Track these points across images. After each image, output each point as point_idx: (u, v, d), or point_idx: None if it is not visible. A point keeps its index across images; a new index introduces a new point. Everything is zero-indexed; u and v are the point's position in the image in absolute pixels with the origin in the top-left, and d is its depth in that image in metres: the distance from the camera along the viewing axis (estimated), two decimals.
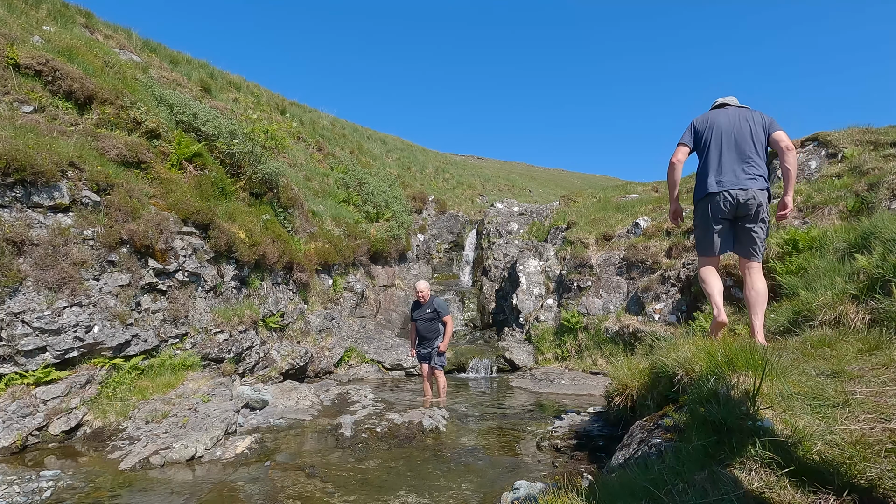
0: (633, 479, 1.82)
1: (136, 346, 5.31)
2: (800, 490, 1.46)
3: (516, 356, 9.40)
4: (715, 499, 1.52)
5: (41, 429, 4.38)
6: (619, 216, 11.60)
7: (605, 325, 8.74)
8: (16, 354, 4.43)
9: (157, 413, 4.71)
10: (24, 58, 5.88)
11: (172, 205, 6.29)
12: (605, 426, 4.33)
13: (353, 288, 10.84)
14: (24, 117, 5.45)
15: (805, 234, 6.26)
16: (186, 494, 3.33)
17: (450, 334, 6.38)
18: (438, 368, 6.40)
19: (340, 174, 13.93)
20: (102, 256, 5.18)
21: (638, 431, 2.93)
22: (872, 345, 2.69)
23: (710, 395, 2.00)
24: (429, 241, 15.99)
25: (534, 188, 34.16)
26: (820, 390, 2.03)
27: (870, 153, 8.10)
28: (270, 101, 16.34)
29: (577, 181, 49.97)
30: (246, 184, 8.50)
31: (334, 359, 8.68)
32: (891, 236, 3.75)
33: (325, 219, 11.02)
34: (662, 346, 3.63)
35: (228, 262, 7.13)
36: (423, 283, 6.60)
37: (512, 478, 3.39)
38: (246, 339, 6.82)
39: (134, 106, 6.84)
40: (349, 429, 4.54)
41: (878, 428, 1.65)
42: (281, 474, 3.64)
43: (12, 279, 4.43)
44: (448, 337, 6.39)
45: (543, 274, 10.99)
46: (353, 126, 23.11)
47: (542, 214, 15.34)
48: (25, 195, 4.80)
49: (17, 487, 3.31)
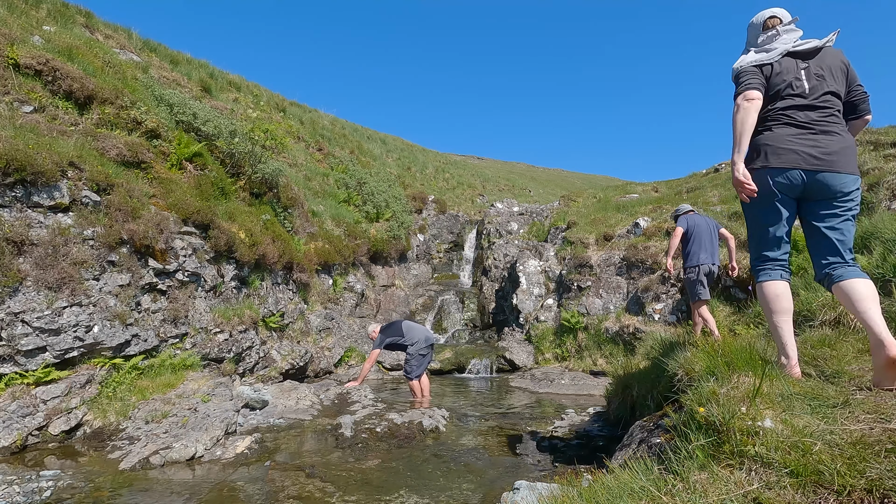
0: (633, 480, 1.82)
1: (136, 346, 5.31)
2: (800, 490, 1.46)
3: (516, 356, 9.40)
4: (715, 499, 1.52)
5: (41, 429, 4.38)
6: (619, 216, 11.60)
7: (605, 325, 8.74)
8: (16, 354, 4.43)
9: (157, 413, 4.71)
10: (24, 58, 5.88)
11: (172, 205, 6.29)
12: (605, 426, 4.33)
13: (353, 288, 10.84)
14: (25, 117, 5.45)
15: None
16: (186, 494, 3.33)
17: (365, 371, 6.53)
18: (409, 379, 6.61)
19: (340, 174, 13.93)
20: (102, 256, 5.18)
21: (638, 431, 2.93)
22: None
23: (710, 395, 2.00)
24: (429, 241, 16.00)
25: (534, 188, 34.17)
26: (820, 390, 2.03)
27: (870, 153, 8.11)
28: (270, 101, 16.34)
29: (577, 181, 49.99)
30: (246, 184, 8.50)
31: (334, 359, 8.68)
32: (891, 236, 3.76)
33: (325, 219, 11.02)
34: (661, 346, 3.63)
35: (228, 261, 7.13)
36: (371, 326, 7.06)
37: (512, 478, 3.39)
38: (246, 338, 6.82)
39: (134, 106, 6.84)
40: (349, 429, 4.54)
41: (878, 428, 1.65)
42: (281, 474, 3.64)
43: (12, 279, 4.43)
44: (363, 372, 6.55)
45: (543, 274, 10.99)
46: (353, 126, 23.12)
47: (542, 214, 15.34)
48: (25, 195, 4.80)
49: (17, 487, 3.31)
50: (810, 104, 2.33)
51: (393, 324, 6.73)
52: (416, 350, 6.49)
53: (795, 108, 2.34)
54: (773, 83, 2.39)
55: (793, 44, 2.41)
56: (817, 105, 2.33)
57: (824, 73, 2.37)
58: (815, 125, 2.31)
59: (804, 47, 2.40)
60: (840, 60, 2.42)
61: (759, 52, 2.48)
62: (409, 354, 6.53)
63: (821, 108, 2.33)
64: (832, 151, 2.26)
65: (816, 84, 2.35)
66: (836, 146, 2.27)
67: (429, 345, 6.62)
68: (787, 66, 2.39)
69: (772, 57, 2.41)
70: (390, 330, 6.61)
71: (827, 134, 2.29)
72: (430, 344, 6.67)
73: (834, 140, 2.29)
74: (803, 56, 2.41)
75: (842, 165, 2.25)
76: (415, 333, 6.56)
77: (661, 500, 1.61)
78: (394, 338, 6.53)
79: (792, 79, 2.37)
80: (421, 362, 6.55)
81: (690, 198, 9.77)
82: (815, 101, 2.34)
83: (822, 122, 2.31)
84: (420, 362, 6.54)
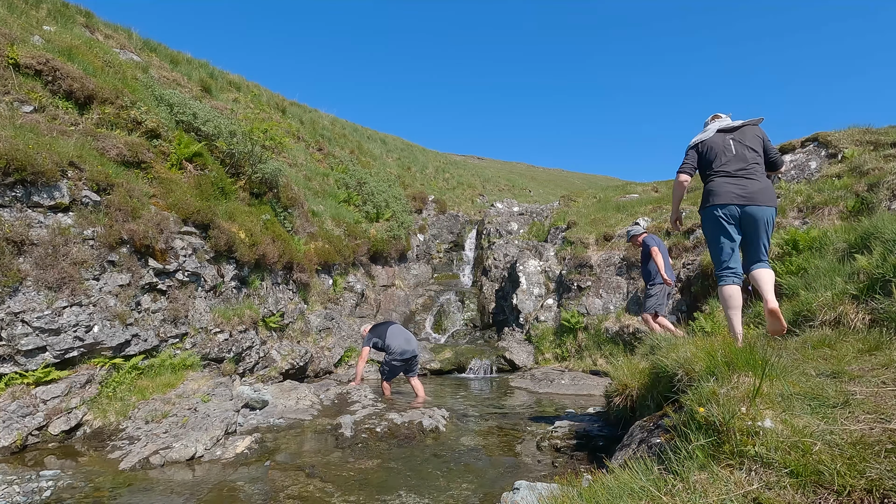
0: (633, 480, 1.82)
1: (136, 346, 5.31)
2: (800, 490, 1.46)
3: (516, 356, 9.40)
4: (715, 499, 1.52)
5: (41, 428, 4.38)
6: (619, 216, 11.60)
7: (605, 325, 8.74)
8: (16, 354, 4.43)
9: (157, 413, 4.71)
10: (24, 57, 5.88)
11: (172, 205, 6.29)
12: (605, 426, 4.33)
13: (353, 288, 10.84)
14: (25, 117, 5.45)
15: (805, 235, 6.27)
16: (186, 494, 3.33)
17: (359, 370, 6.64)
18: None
19: (340, 174, 13.93)
20: (102, 256, 5.18)
21: (638, 431, 2.93)
22: (872, 345, 2.69)
23: (710, 395, 2.00)
24: (429, 241, 15.99)
25: (534, 188, 34.17)
26: (820, 390, 2.03)
27: (870, 153, 8.10)
28: (270, 100, 16.33)
29: (577, 181, 49.97)
30: (246, 184, 8.50)
31: (334, 359, 8.68)
32: (891, 237, 3.75)
33: (325, 219, 11.02)
34: (662, 347, 3.63)
35: (228, 261, 7.13)
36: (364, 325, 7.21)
37: (512, 478, 3.39)
38: (246, 338, 6.82)
39: (134, 106, 6.84)
40: (349, 429, 4.54)
41: (878, 428, 1.65)
42: (281, 474, 3.64)
43: (12, 279, 4.43)
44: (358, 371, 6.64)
45: (543, 274, 10.98)
46: (353, 126, 23.11)
47: (542, 214, 15.34)
48: (25, 195, 4.80)
49: (17, 487, 3.31)
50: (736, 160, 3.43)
51: (381, 325, 6.69)
52: (389, 359, 6.48)
53: (726, 165, 3.45)
54: (710, 152, 3.53)
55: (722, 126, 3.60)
56: (741, 161, 3.42)
57: (745, 141, 3.49)
58: (740, 174, 3.39)
59: (730, 125, 3.58)
60: (756, 133, 3.54)
61: (701, 133, 3.69)
62: (384, 360, 6.58)
63: (743, 163, 3.42)
64: (754, 191, 3.33)
65: (739, 148, 3.47)
66: (756, 188, 3.34)
67: (404, 359, 6.47)
68: (719, 139, 3.55)
69: (707, 135, 3.61)
70: (377, 331, 6.59)
71: (749, 179, 3.37)
72: (406, 358, 6.49)
73: (754, 183, 3.36)
74: (730, 131, 3.57)
75: (761, 200, 3.33)
76: (394, 342, 6.46)
77: (661, 500, 1.61)
78: (377, 339, 6.51)
79: (723, 146, 3.51)
80: (393, 370, 6.53)
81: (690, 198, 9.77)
82: (739, 158, 3.43)
83: (744, 172, 3.39)
84: (392, 370, 6.54)
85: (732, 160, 3.44)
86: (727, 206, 3.34)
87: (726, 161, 3.44)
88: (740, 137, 3.51)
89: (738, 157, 3.44)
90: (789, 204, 7.85)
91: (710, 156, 3.52)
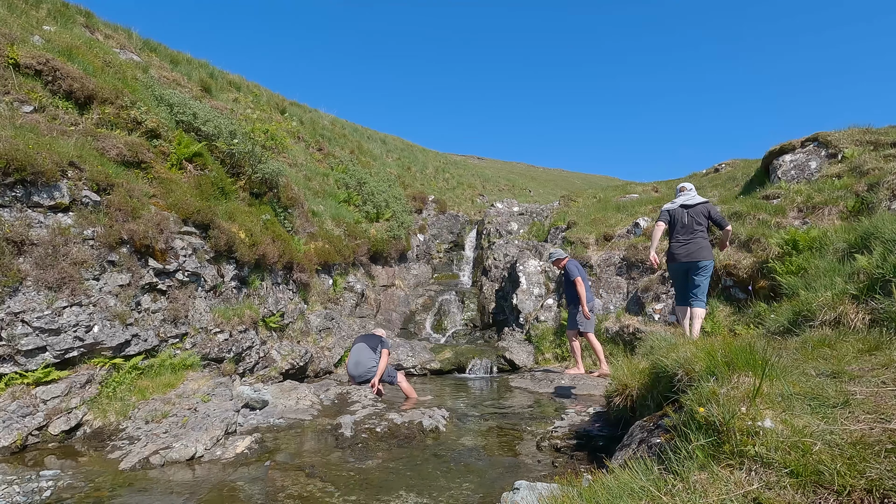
0: (633, 480, 1.82)
1: (136, 346, 5.31)
2: (800, 490, 1.46)
3: (516, 356, 9.39)
4: (715, 499, 1.52)
5: (41, 428, 4.38)
6: (619, 216, 11.60)
7: (605, 325, 8.73)
8: (16, 354, 4.43)
9: (157, 413, 4.71)
10: (24, 57, 5.88)
11: (172, 205, 6.29)
12: (605, 426, 4.32)
13: (353, 288, 10.84)
14: (25, 117, 5.45)
15: (805, 235, 6.27)
16: (186, 494, 3.33)
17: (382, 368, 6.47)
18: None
19: (340, 174, 13.93)
20: (102, 256, 5.18)
21: (638, 431, 2.93)
22: (872, 345, 2.69)
23: (710, 395, 2.00)
24: (429, 241, 16.00)
25: (534, 188, 34.17)
26: (820, 390, 2.03)
27: (870, 153, 8.11)
28: (270, 100, 16.34)
29: (577, 181, 49.97)
30: (246, 184, 8.50)
31: (334, 359, 8.68)
32: (891, 236, 3.75)
33: (325, 219, 11.02)
34: (662, 346, 3.63)
35: (228, 261, 7.13)
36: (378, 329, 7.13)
37: (512, 478, 3.39)
38: (246, 338, 6.82)
39: (134, 106, 6.84)
40: (349, 429, 4.54)
41: (878, 428, 1.65)
42: (281, 474, 3.64)
43: (12, 279, 4.43)
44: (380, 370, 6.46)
45: (543, 274, 10.98)
46: (353, 126, 23.11)
47: (542, 214, 15.34)
48: (25, 195, 4.80)
49: (17, 487, 3.31)
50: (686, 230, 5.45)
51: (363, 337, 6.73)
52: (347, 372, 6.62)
53: (678, 233, 5.50)
54: (673, 220, 5.56)
55: (685, 201, 5.55)
56: (689, 231, 5.43)
57: (695, 215, 5.44)
58: (686, 239, 5.43)
59: (688, 203, 5.53)
60: (704, 208, 5.46)
61: (671, 203, 5.67)
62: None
63: (690, 232, 5.42)
64: (693, 251, 5.36)
65: (691, 220, 5.44)
66: (695, 248, 5.36)
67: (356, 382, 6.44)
68: (680, 212, 5.52)
69: (673, 206, 5.60)
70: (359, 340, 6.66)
71: (692, 243, 5.39)
72: (359, 382, 6.42)
73: (694, 244, 5.37)
74: (687, 207, 5.52)
75: (699, 257, 5.34)
76: (352, 359, 6.48)
77: (661, 500, 1.61)
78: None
79: (680, 217, 5.50)
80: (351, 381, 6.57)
81: None
82: (688, 228, 5.44)
83: (689, 237, 5.41)
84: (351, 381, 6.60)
85: (682, 231, 5.43)
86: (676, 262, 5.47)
87: (681, 229, 5.45)
88: (693, 213, 5.42)
89: (687, 228, 5.41)
90: (789, 204, 7.85)
91: (673, 221, 5.54)
